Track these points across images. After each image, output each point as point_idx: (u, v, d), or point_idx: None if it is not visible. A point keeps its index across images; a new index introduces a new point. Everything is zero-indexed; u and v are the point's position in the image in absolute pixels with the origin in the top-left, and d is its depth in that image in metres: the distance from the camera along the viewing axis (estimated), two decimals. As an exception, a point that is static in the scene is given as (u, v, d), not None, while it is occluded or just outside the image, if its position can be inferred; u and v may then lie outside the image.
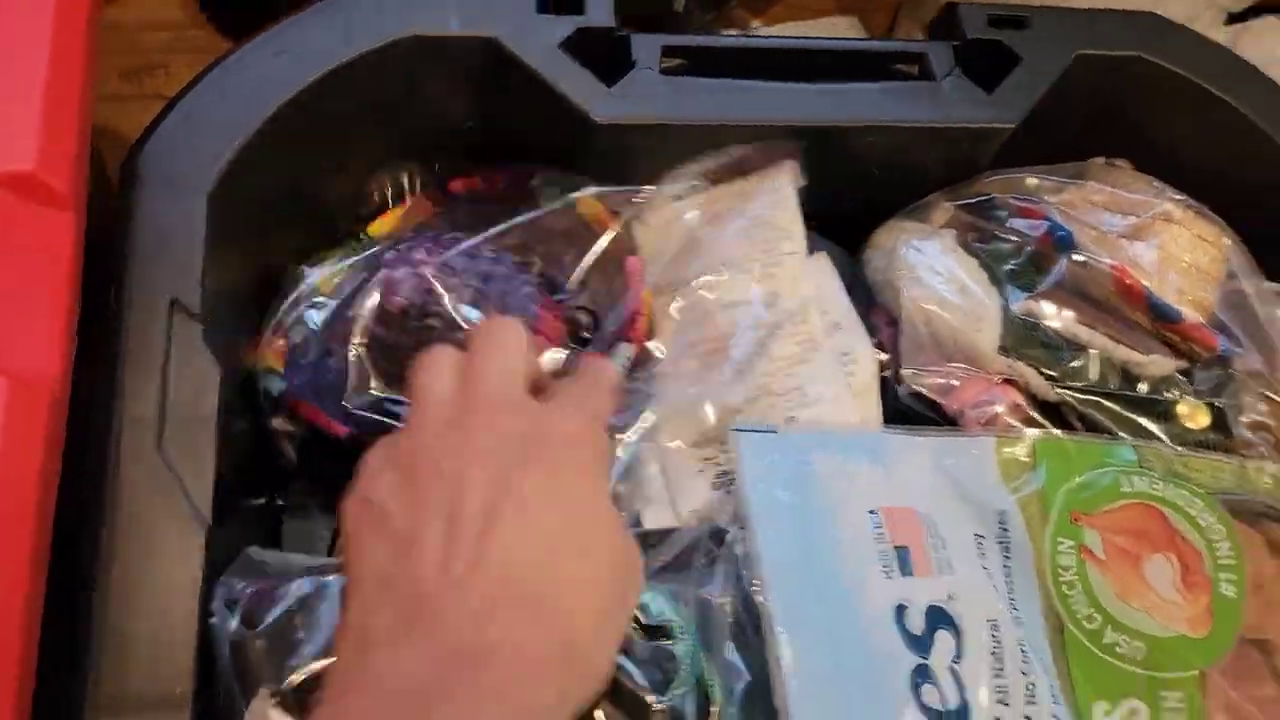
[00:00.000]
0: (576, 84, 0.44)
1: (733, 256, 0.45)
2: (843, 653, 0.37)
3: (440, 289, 0.41)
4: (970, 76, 0.47)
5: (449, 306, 0.41)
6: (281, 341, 0.45)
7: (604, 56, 0.45)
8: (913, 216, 0.51)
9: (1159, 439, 0.45)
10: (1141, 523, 0.42)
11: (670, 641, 0.37)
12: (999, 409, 0.45)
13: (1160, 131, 0.51)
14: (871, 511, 0.40)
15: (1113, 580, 0.41)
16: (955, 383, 0.45)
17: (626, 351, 0.42)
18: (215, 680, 0.34)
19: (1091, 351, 0.45)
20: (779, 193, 0.46)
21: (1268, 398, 0.46)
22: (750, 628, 0.38)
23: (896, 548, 0.40)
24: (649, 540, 0.40)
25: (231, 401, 0.39)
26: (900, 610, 0.38)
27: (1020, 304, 0.46)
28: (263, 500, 0.46)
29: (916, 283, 0.46)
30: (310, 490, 0.47)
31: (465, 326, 0.41)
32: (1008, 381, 0.45)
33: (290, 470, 0.45)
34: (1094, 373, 0.45)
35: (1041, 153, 0.50)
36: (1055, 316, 0.46)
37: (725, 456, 0.43)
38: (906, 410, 0.46)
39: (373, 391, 0.42)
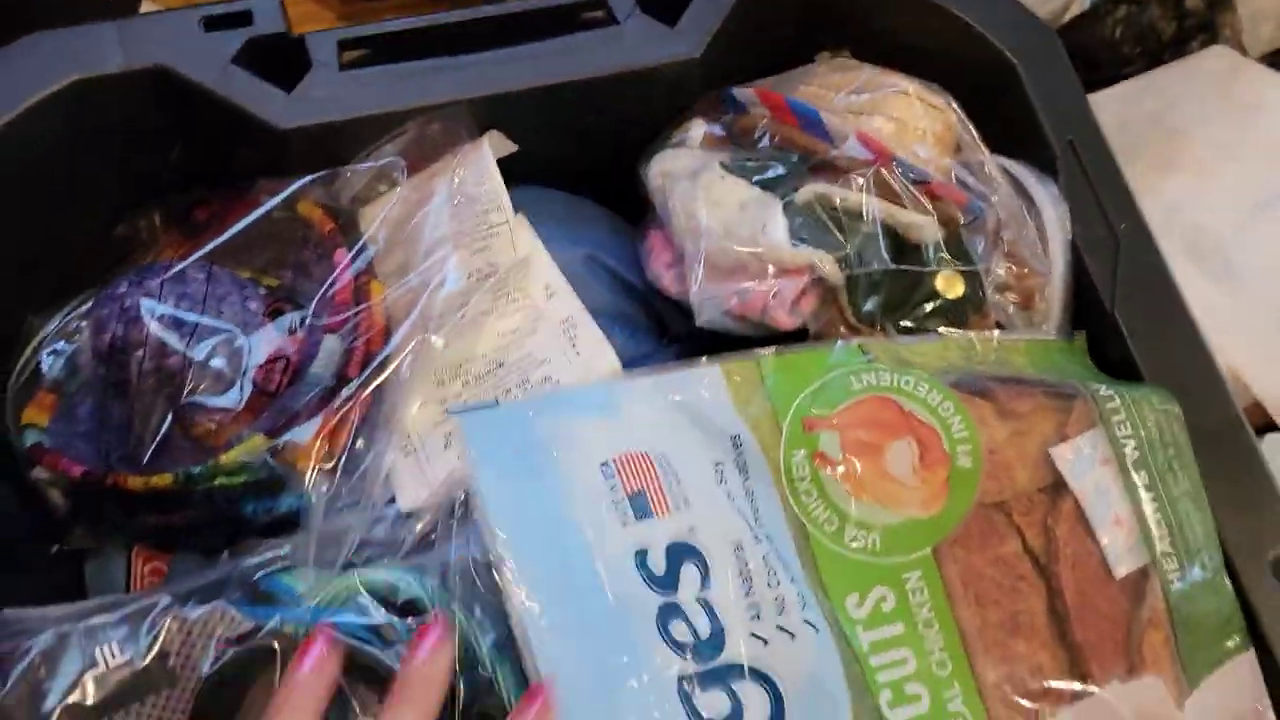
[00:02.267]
0: (254, 95, 0.44)
1: (446, 235, 0.45)
2: (585, 608, 0.38)
3: (145, 318, 0.41)
4: (651, 13, 0.47)
5: (152, 333, 0.41)
6: (51, 396, 0.46)
7: (281, 63, 0.45)
8: (674, 145, 0.50)
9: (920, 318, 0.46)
10: (877, 414, 0.43)
11: (423, 617, 0.39)
12: (795, 295, 0.45)
13: (874, 23, 0.51)
14: (603, 464, 0.40)
15: (850, 480, 0.41)
16: (751, 286, 0.45)
17: (331, 344, 0.42)
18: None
19: (865, 230, 0.45)
20: (480, 164, 0.46)
21: (1009, 256, 0.46)
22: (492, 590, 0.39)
23: (630, 495, 0.40)
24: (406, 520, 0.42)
25: None
26: (640, 555, 0.39)
27: (801, 193, 0.46)
28: (55, 549, 0.47)
29: (699, 219, 0.46)
30: (94, 533, 0.47)
31: (175, 350, 0.41)
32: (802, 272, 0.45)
33: (68, 517, 0.46)
34: (872, 252, 0.45)
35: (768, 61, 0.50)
36: (835, 197, 0.45)
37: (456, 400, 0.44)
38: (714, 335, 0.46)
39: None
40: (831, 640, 0.39)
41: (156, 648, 0.36)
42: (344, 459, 0.43)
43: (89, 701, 0.35)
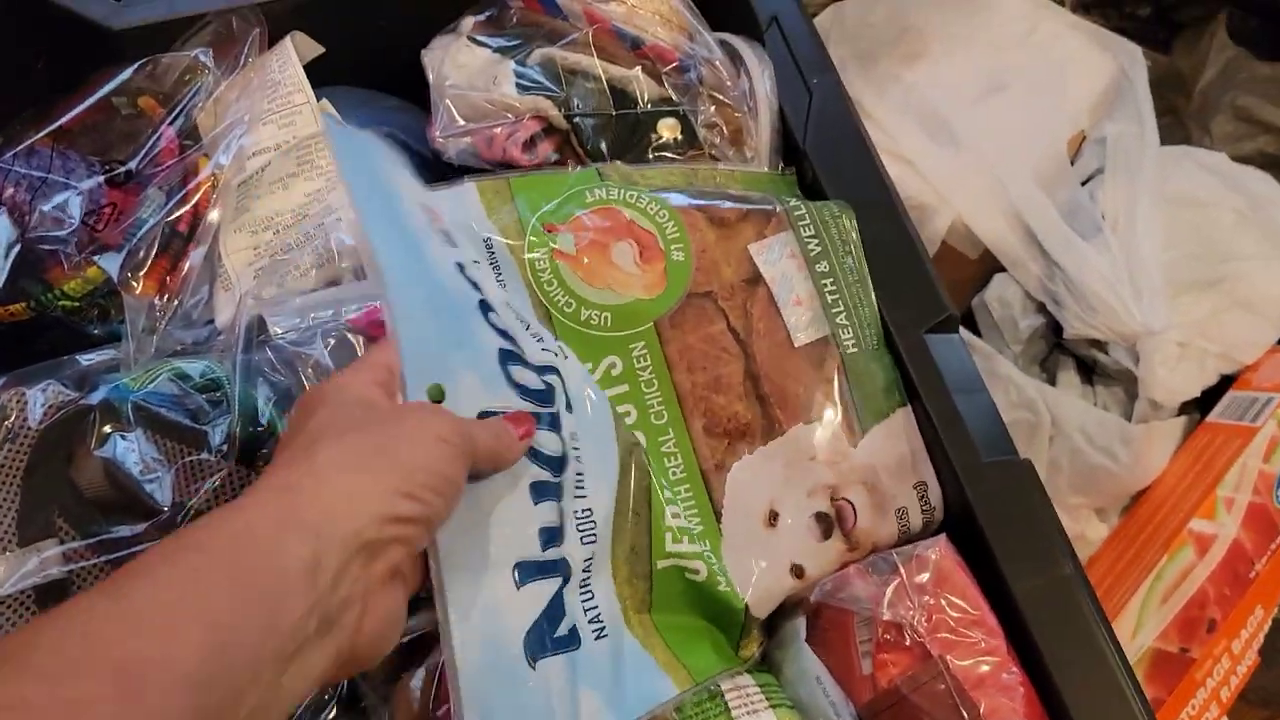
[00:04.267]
0: (92, 5, 0.54)
1: (257, 112, 0.55)
2: (425, 282, 0.43)
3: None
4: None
5: (5, 195, 0.51)
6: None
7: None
8: (445, 33, 0.60)
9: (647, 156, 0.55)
10: (604, 220, 0.52)
11: (219, 391, 0.48)
12: (527, 136, 0.54)
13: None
14: (422, 205, 0.47)
15: (582, 270, 0.51)
16: (488, 127, 0.55)
17: (154, 194, 0.52)
18: None
19: (589, 85, 0.55)
20: (283, 57, 0.56)
21: (716, 99, 0.56)
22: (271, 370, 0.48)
23: (441, 230, 0.47)
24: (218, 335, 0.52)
25: None
26: (459, 266, 0.46)
27: (532, 55, 0.56)
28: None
29: (445, 75, 0.56)
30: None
31: (23, 200, 0.51)
32: (533, 119, 0.55)
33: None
34: (595, 102, 0.55)
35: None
36: (558, 56, 0.55)
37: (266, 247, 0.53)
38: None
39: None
40: (584, 369, 0.48)
41: (-2, 408, 0.45)
42: (181, 293, 0.53)
43: (-57, 452, 0.45)
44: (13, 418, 0.45)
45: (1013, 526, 0.48)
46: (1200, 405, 0.72)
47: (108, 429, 0.45)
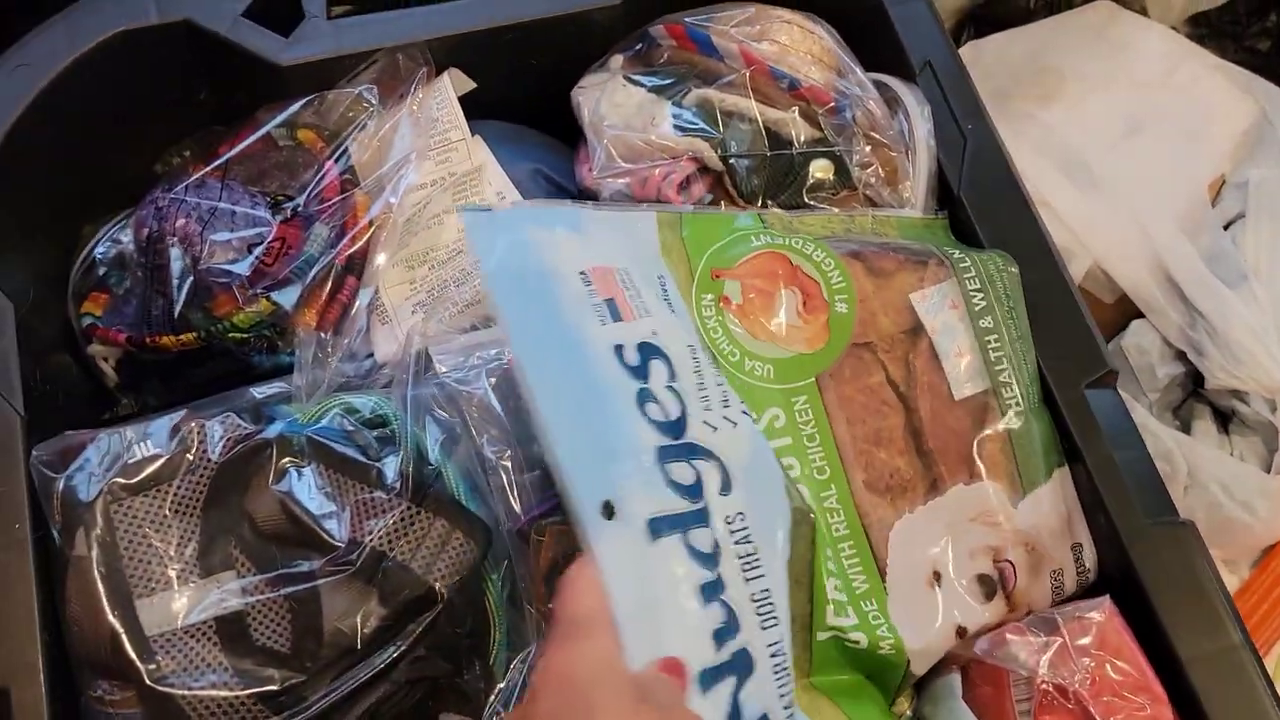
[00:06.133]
0: (259, 41, 0.55)
1: (411, 148, 0.55)
2: (579, 387, 0.43)
3: (173, 212, 0.52)
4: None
5: (179, 223, 0.52)
6: (104, 296, 0.57)
7: (283, 16, 0.56)
8: (595, 71, 0.61)
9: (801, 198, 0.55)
10: (770, 266, 0.52)
11: (387, 428, 0.49)
12: (682, 178, 0.54)
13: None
14: (580, 272, 0.46)
15: (746, 320, 0.51)
16: (645, 169, 0.55)
17: (319, 229, 0.53)
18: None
19: (745, 126, 0.55)
20: (440, 92, 0.57)
21: (872, 139, 0.56)
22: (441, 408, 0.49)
23: (605, 300, 0.46)
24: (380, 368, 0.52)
25: (43, 337, 0.52)
26: (618, 349, 0.45)
27: (688, 96, 0.56)
28: (106, 415, 0.58)
29: (602, 115, 0.56)
30: (137, 398, 0.57)
31: (195, 233, 0.52)
32: (689, 160, 0.55)
33: (115, 388, 0.57)
34: (750, 143, 0.55)
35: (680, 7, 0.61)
36: (715, 98, 0.55)
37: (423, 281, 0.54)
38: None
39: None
40: (760, 433, 0.48)
41: (177, 441, 0.46)
42: (337, 325, 0.54)
43: (129, 483, 0.46)
44: (194, 450, 0.46)
45: (1178, 590, 0.48)
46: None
47: (284, 463, 0.46)
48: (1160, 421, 0.67)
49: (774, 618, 0.43)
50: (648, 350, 0.46)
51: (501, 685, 0.47)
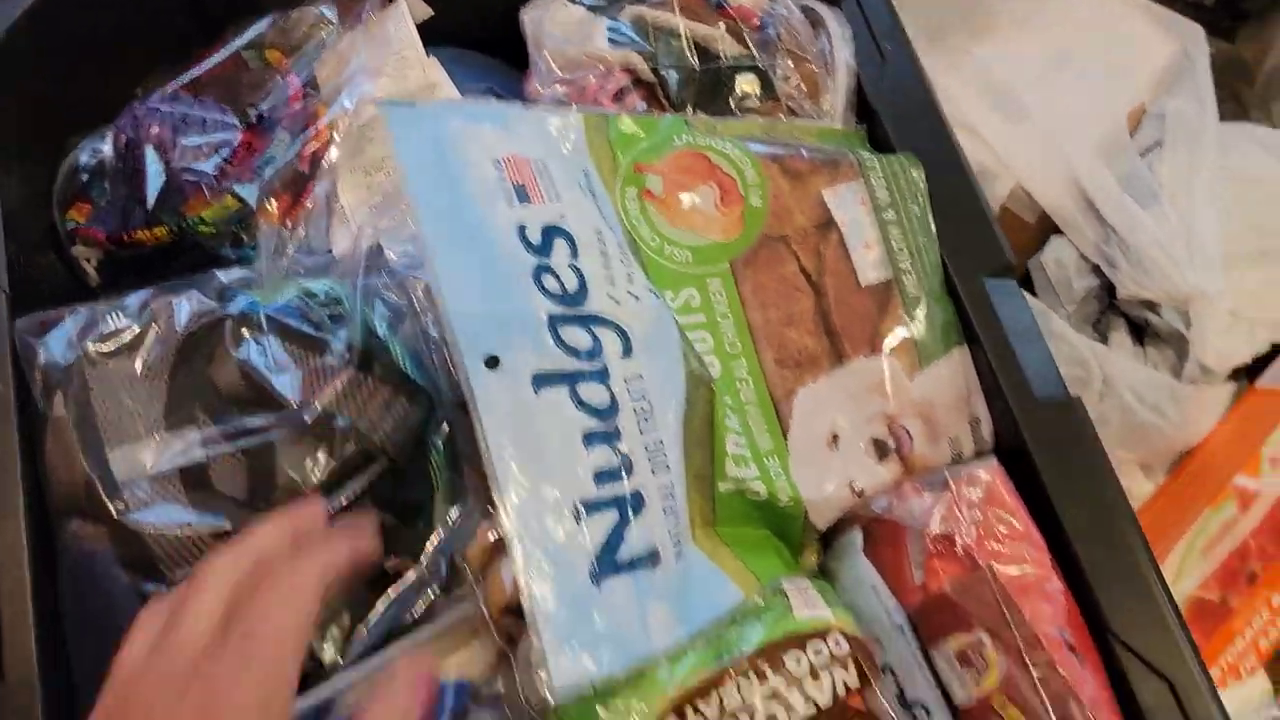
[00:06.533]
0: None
1: (367, 65, 0.60)
2: (476, 257, 0.48)
3: (147, 120, 0.57)
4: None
5: (153, 133, 0.57)
6: (87, 205, 0.62)
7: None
8: None
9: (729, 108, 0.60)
10: (691, 163, 0.56)
11: (340, 307, 0.53)
12: (617, 89, 0.59)
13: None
14: (495, 160, 0.51)
15: (667, 211, 0.55)
16: (581, 78, 0.60)
17: (282, 135, 0.57)
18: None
19: (675, 42, 0.60)
20: (398, 16, 0.62)
21: (795, 55, 0.60)
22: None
23: (515, 185, 0.51)
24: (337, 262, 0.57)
25: (29, 241, 0.57)
26: (521, 228, 0.50)
27: (623, 13, 0.61)
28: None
29: (544, 31, 0.62)
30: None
31: (168, 137, 0.57)
32: (623, 71, 0.60)
33: (97, 287, 0.62)
34: (680, 57, 0.60)
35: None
36: (648, 15, 0.61)
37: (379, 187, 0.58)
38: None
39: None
40: (665, 306, 0.52)
41: (147, 315, 0.51)
42: (304, 223, 0.59)
43: (103, 349, 0.51)
44: (162, 322, 0.51)
45: (1063, 459, 0.52)
46: (1250, 375, 0.74)
47: (244, 334, 0.51)
48: (1079, 334, 0.72)
49: (667, 465, 0.48)
50: (553, 231, 0.51)
51: (440, 534, 0.51)
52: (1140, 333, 0.74)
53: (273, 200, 0.57)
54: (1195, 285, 0.68)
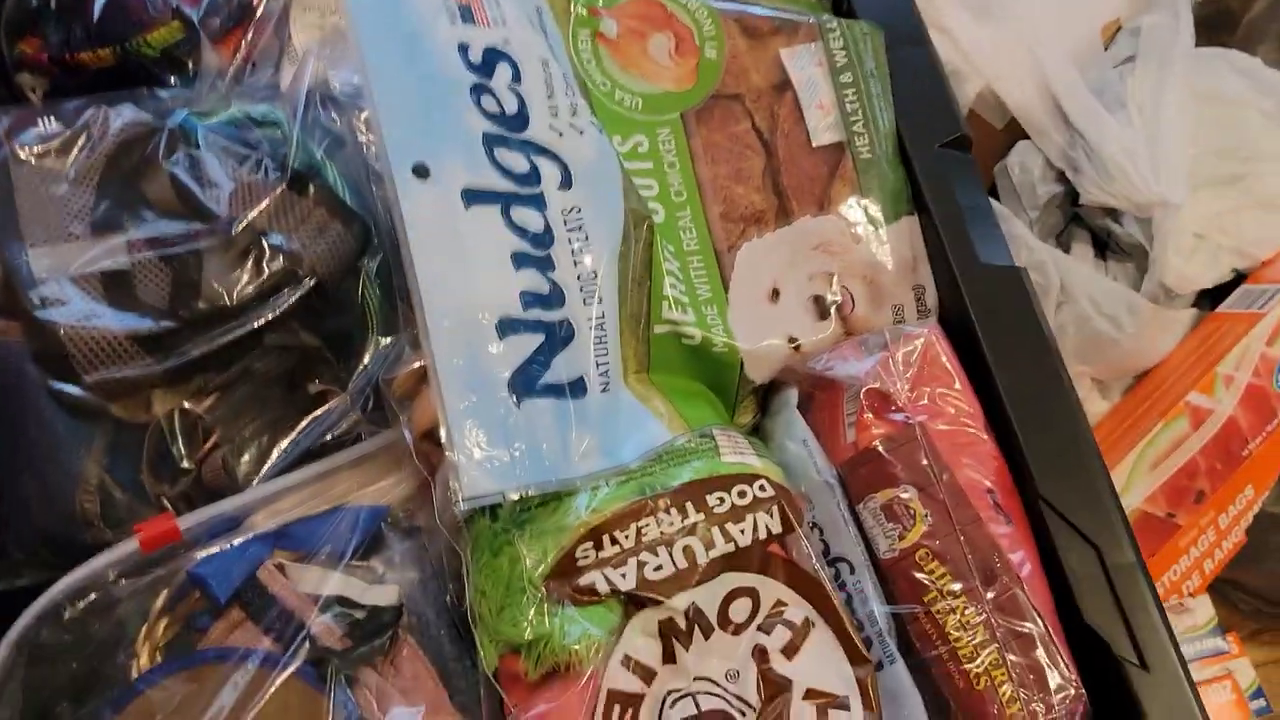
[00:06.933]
0: None
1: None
2: (413, 69, 0.47)
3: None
4: None
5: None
6: (36, 40, 0.61)
7: None
8: None
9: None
10: (646, 9, 0.56)
11: (278, 129, 0.52)
12: None
13: None
14: None
15: (620, 56, 0.54)
16: None
17: None
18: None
19: None
20: None
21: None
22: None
23: (460, 5, 0.50)
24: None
25: None
26: (463, 47, 0.49)
27: None
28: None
29: None
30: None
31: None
32: None
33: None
34: None
35: None
36: None
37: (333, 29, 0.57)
38: None
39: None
40: (608, 141, 0.51)
41: (82, 122, 0.50)
42: (252, 58, 0.57)
43: (32, 149, 0.49)
44: (95, 130, 0.50)
45: (1003, 325, 0.51)
46: (1213, 303, 0.74)
47: (177, 146, 0.50)
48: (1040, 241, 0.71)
49: (599, 298, 0.47)
50: (495, 54, 0.50)
51: (367, 363, 0.50)
52: (1103, 249, 0.73)
53: (219, 28, 0.56)
54: (1159, 193, 0.67)
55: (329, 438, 0.48)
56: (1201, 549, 0.69)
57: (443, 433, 0.43)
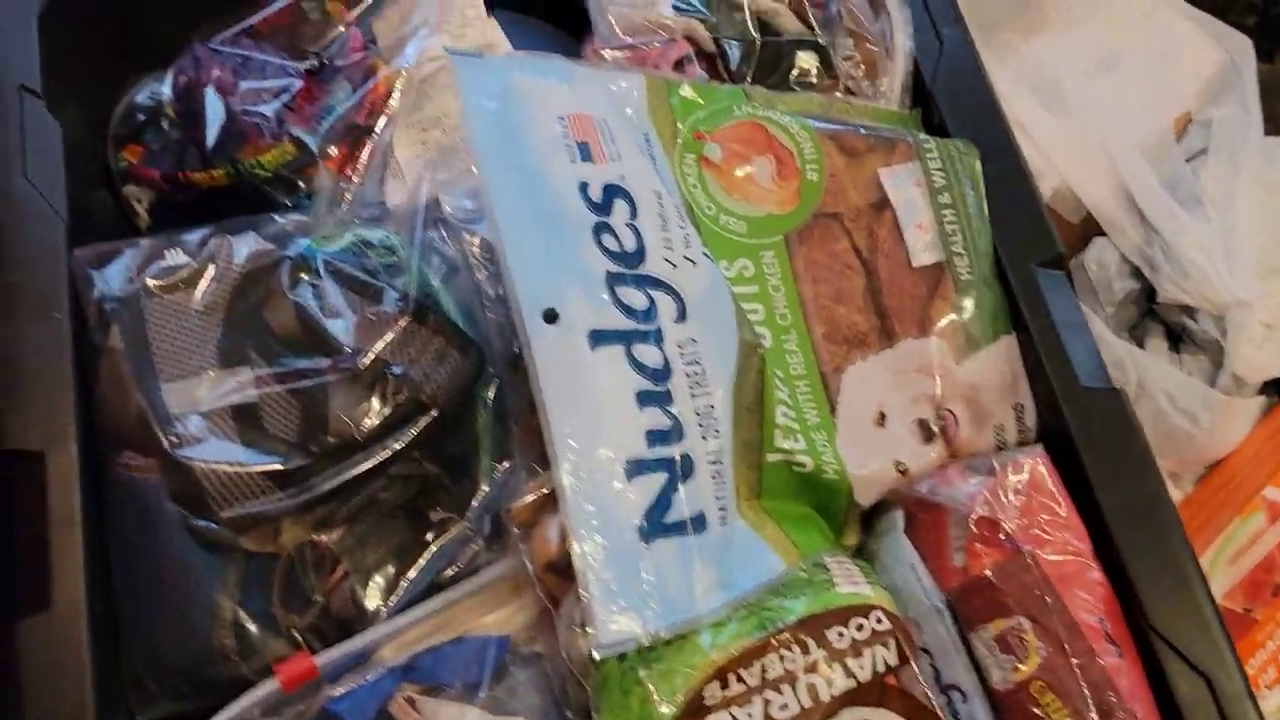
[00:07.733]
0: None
1: (430, 21, 0.60)
2: (538, 212, 0.49)
3: (208, 63, 0.57)
4: None
5: (214, 75, 0.57)
6: (140, 148, 0.62)
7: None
8: None
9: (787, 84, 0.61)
10: (749, 134, 0.57)
11: (395, 256, 0.54)
12: (678, 57, 0.60)
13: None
14: (559, 117, 0.52)
15: (724, 180, 0.56)
16: (643, 44, 0.60)
17: (343, 84, 0.57)
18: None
19: (738, 15, 0.61)
20: (461, -25, 0.62)
21: (855, 34, 0.61)
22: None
23: (578, 143, 0.52)
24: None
25: (85, 175, 0.57)
26: (583, 185, 0.50)
27: None
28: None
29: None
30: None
31: (229, 91, 0.57)
32: (685, 40, 0.61)
33: (146, 229, 0.61)
34: (741, 30, 0.60)
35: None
36: None
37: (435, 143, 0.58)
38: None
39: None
40: (720, 272, 0.52)
41: (206, 252, 0.51)
42: (358, 176, 0.59)
43: (161, 283, 0.50)
44: (220, 260, 0.51)
45: (1106, 448, 0.52)
46: (1278, 391, 0.74)
47: (301, 277, 0.51)
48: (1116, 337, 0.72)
49: (716, 431, 0.48)
50: (613, 191, 0.51)
51: (486, 489, 0.51)
52: (1177, 341, 0.74)
53: (332, 148, 0.57)
54: (1233, 291, 0.68)
55: (453, 571, 0.49)
56: (1278, 642, 0.70)
57: (577, 574, 0.44)
